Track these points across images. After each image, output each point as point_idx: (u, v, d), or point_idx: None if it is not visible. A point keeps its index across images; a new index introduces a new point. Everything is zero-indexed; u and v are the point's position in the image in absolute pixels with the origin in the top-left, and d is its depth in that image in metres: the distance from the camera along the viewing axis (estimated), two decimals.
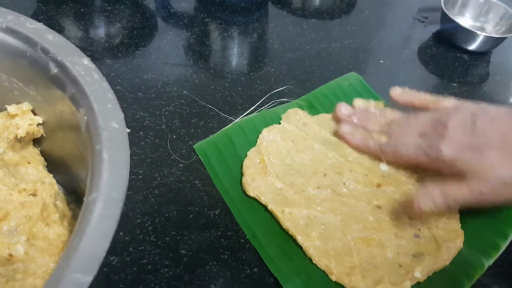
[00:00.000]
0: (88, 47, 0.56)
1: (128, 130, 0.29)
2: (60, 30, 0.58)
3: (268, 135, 0.48)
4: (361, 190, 0.45)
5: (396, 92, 0.49)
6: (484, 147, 0.40)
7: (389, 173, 0.46)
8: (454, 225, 0.43)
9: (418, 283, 0.39)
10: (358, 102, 0.51)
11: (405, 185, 0.45)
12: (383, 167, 0.47)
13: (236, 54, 0.61)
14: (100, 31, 0.60)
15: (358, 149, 0.48)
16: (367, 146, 0.47)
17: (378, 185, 0.45)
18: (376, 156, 0.47)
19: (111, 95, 0.30)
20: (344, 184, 0.45)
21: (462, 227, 0.43)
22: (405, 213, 0.43)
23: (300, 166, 0.46)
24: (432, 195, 0.40)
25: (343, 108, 0.50)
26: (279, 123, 0.49)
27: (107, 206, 0.25)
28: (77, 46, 0.33)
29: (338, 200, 0.44)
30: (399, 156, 0.45)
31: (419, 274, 0.39)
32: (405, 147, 0.45)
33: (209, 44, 0.61)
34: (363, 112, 0.50)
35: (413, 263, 0.40)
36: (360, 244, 0.41)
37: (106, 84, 0.31)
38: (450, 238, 0.42)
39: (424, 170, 0.46)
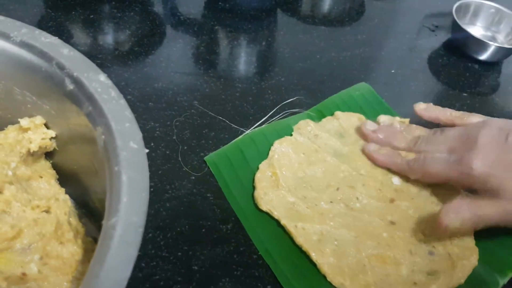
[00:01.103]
0: (97, 55, 0.56)
1: (147, 151, 0.28)
2: (69, 37, 0.58)
3: (280, 147, 0.47)
4: (374, 205, 0.44)
5: (420, 107, 0.49)
6: None
7: (402, 187, 0.46)
8: (468, 242, 0.42)
9: None
10: (383, 118, 0.50)
11: (418, 200, 0.45)
12: (396, 181, 0.46)
13: (246, 63, 0.60)
14: (109, 38, 0.59)
15: (385, 166, 0.47)
16: (394, 163, 0.46)
17: (392, 200, 0.44)
18: (404, 173, 0.46)
19: (128, 113, 0.30)
20: (357, 198, 0.44)
21: (476, 244, 0.42)
22: (420, 230, 0.42)
23: (313, 179, 0.45)
24: (459, 211, 0.39)
25: (368, 125, 0.49)
26: (291, 135, 0.49)
27: (127, 231, 0.24)
28: (87, 54, 0.32)
29: (351, 215, 0.43)
30: (428, 172, 0.44)
31: None
32: (434, 163, 0.44)
33: (219, 53, 0.61)
34: (389, 129, 0.49)
35: (428, 281, 0.39)
36: (375, 261, 0.40)
37: (123, 102, 0.30)
38: (465, 255, 0.41)
39: (443, 186, 0.45)
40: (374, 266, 0.40)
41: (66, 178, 0.39)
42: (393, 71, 0.62)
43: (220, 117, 0.51)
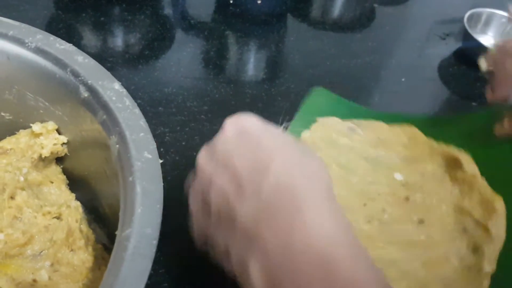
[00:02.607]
0: (108, 58, 0.55)
1: (161, 161, 0.28)
2: (79, 39, 0.58)
3: None
4: (397, 211, 0.43)
5: None
6: None
7: (406, 180, 0.46)
8: (486, 192, 0.43)
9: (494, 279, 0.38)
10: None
11: (426, 185, 0.45)
12: (398, 176, 0.46)
13: (256, 68, 0.60)
14: (120, 41, 0.59)
15: None
16: None
17: (407, 199, 0.44)
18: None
19: (143, 122, 0.30)
20: (384, 210, 0.44)
21: None
22: (446, 213, 0.42)
23: (339, 198, 0.45)
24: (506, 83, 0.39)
25: None
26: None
27: (141, 243, 0.24)
28: (97, 56, 0.33)
29: (388, 231, 0.42)
30: None
31: (488, 266, 0.39)
32: None
33: (229, 58, 0.61)
34: None
35: (478, 262, 0.39)
36: (430, 267, 0.40)
37: (137, 111, 0.30)
38: (490, 210, 0.41)
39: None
40: (435, 274, 0.39)
41: (76, 183, 0.39)
42: (403, 79, 0.61)
43: None
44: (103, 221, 0.38)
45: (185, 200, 0.42)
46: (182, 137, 0.49)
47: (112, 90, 0.31)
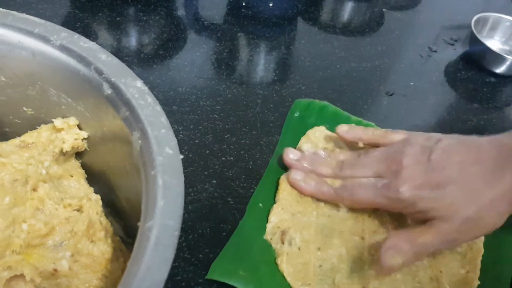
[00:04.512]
0: (123, 57, 0.57)
1: (182, 156, 0.29)
2: (95, 38, 0.59)
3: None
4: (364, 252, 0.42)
5: (343, 129, 0.47)
6: (442, 182, 0.38)
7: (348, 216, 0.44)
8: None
9: None
10: (306, 146, 0.48)
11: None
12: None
13: (267, 70, 0.61)
14: (135, 41, 0.61)
15: (313, 196, 0.44)
16: (321, 192, 0.44)
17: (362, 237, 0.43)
18: (333, 202, 0.44)
19: (164, 119, 0.31)
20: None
21: None
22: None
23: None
24: (398, 247, 0.37)
25: (290, 154, 0.46)
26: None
27: (163, 234, 0.25)
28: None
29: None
30: (357, 200, 0.42)
31: None
32: (362, 190, 0.42)
33: (241, 59, 0.62)
34: (312, 156, 0.47)
35: None
36: None
37: (159, 108, 0.31)
38: None
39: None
40: None
41: (93, 177, 0.40)
42: (412, 83, 0.62)
43: (241, 123, 0.52)
44: (119, 214, 0.39)
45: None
46: (195, 135, 0.50)
47: (135, 87, 0.32)
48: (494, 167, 0.38)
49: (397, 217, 0.44)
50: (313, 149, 0.48)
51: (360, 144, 0.47)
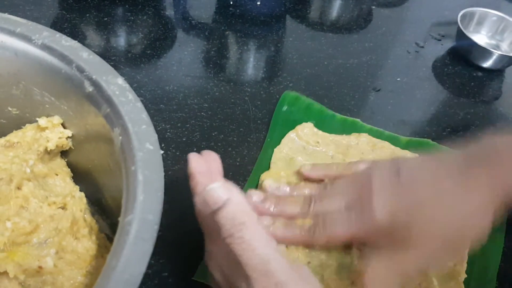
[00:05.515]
0: (111, 57, 0.57)
1: (162, 152, 0.29)
2: (83, 38, 0.59)
3: None
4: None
5: (306, 168, 0.45)
6: (418, 203, 0.36)
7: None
8: None
9: None
10: (267, 182, 0.44)
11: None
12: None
13: (255, 68, 0.62)
14: (122, 41, 0.61)
15: (285, 241, 0.40)
16: (294, 236, 0.40)
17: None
18: (307, 243, 0.40)
19: (145, 116, 0.31)
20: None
21: None
22: None
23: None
24: (382, 276, 0.36)
25: (253, 196, 0.41)
26: None
27: (143, 228, 0.26)
28: (100, 56, 0.34)
29: None
30: (333, 237, 0.39)
31: None
32: (336, 225, 0.39)
33: (229, 57, 0.62)
34: (276, 195, 0.43)
35: None
36: None
37: (140, 105, 0.31)
38: None
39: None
40: None
41: (79, 176, 0.40)
42: (399, 79, 0.63)
43: (229, 121, 0.52)
44: (106, 212, 0.40)
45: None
46: (182, 133, 0.50)
47: (116, 85, 0.32)
48: (467, 180, 0.36)
49: None
50: (275, 185, 0.44)
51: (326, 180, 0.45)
